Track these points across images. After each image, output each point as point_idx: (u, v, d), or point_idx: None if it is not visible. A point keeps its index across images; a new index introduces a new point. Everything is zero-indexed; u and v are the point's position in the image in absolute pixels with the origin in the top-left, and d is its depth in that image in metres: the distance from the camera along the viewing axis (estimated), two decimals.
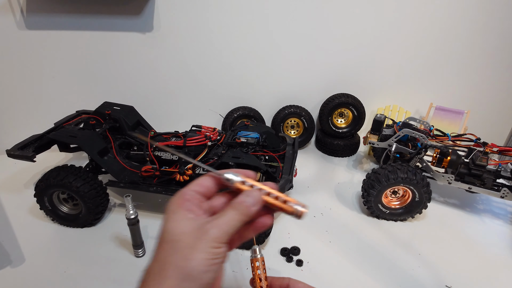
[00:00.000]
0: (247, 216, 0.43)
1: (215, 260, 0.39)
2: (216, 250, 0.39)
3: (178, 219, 0.41)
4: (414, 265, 1.09)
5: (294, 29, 1.62)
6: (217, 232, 0.40)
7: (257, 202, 0.44)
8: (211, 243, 0.39)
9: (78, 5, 1.45)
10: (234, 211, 0.42)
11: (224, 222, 0.41)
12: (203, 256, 0.38)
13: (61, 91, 1.64)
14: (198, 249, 0.38)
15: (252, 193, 0.44)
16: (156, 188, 1.18)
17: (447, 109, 1.69)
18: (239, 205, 0.43)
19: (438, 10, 1.59)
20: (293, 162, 1.23)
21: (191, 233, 0.40)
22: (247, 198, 0.43)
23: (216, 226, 0.40)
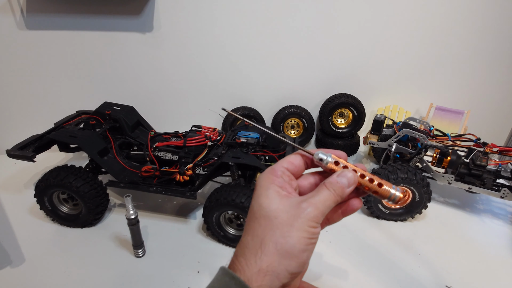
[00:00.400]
0: (341, 197, 0.42)
1: (312, 240, 0.39)
2: (313, 229, 0.39)
3: (272, 196, 0.40)
4: (414, 265, 1.09)
5: (294, 29, 1.62)
6: (314, 211, 0.39)
7: (353, 183, 0.42)
8: (308, 222, 0.38)
9: (78, 5, 1.45)
10: (329, 191, 0.41)
11: (320, 201, 0.40)
12: (301, 235, 0.38)
13: (61, 91, 1.64)
14: (296, 227, 0.38)
15: (347, 173, 0.42)
16: (156, 188, 1.18)
17: (447, 109, 1.69)
18: (335, 185, 0.42)
19: (438, 10, 1.59)
20: None
21: (288, 211, 0.39)
22: (342, 179, 0.42)
23: (312, 204, 0.39)
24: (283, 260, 0.37)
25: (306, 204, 0.39)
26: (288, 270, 0.38)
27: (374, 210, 1.26)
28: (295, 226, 0.38)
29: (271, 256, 0.37)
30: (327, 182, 0.42)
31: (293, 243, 0.37)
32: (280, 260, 0.37)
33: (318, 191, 0.41)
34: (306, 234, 0.38)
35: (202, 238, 1.17)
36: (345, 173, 0.43)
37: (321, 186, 0.42)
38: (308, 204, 0.39)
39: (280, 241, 0.37)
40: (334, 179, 0.42)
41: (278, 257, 0.37)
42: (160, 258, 1.08)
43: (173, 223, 1.24)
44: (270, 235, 0.38)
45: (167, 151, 1.23)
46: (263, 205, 0.40)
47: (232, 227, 1.13)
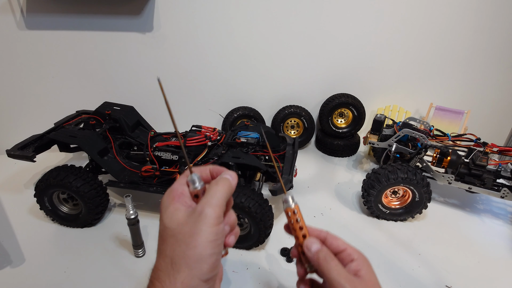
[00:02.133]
0: (229, 186, 0.44)
1: (217, 241, 0.40)
2: (216, 228, 0.40)
3: (171, 213, 0.42)
4: (414, 265, 1.09)
5: (294, 29, 1.62)
6: (209, 209, 0.40)
7: (234, 177, 0.46)
8: (208, 222, 0.40)
9: (78, 5, 1.45)
10: (218, 185, 0.43)
11: (212, 197, 0.42)
12: (205, 239, 0.39)
13: (61, 91, 1.64)
14: (198, 233, 0.39)
15: (227, 171, 0.47)
16: (156, 188, 1.18)
17: (447, 109, 1.69)
18: (219, 179, 0.45)
19: (438, 10, 1.59)
20: (293, 162, 1.23)
21: (188, 221, 0.41)
22: (225, 174, 0.46)
23: (206, 204, 0.41)
24: (195, 271, 0.38)
25: (201, 206, 0.41)
26: (202, 278, 0.39)
27: (374, 210, 1.26)
28: (197, 233, 0.39)
29: (184, 272, 0.38)
30: (215, 180, 0.46)
31: (200, 251, 0.39)
32: (192, 272, 0.38)
33: (209, 190, 0.44)
34: (210, 236, 0.40)
35: None
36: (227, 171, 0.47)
37: (210, 184, 0.45)
38: (203, 206, 0.41)
39: (188, 254, 0.39)
40: (221, 175, 0.46)
41: (189, 270, 0.38)
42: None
43: None
44: (178, 252, 0.39)
45: (167, 151, 1.23)
46: (167, 225, 0.42)
47: None
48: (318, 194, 1.44)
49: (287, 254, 1.10)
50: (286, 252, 1.11)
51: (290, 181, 1.12)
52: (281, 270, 1.06)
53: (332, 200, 1.40)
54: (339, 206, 1.37)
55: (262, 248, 1.13)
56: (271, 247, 1.14)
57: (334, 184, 1.52)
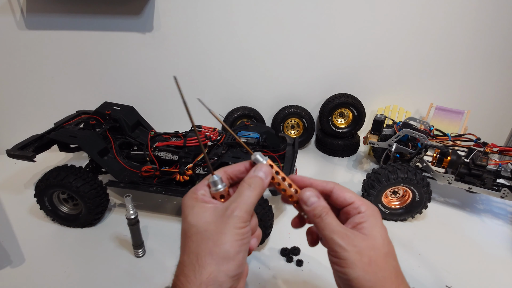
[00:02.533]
0: (262, 188, 0.45)
1: (244, 240, 0.41)
2: (242, 230, 0.41)
3: (198, 212, 0.43)
4: (414, 265, 1.09)
5: (294, 29, 1.62)
6: (239, 212, 0.41)
7: (269, 173, 0.46)
8: (236, 224, 0.41)
9: (78, 5, 1.45)
10: (249, 187, 0.44)
11: (243, 200, 0.43)
12: (232, 238, 0.40)
13: (61, 91, 1.64)
14: (226, 233, 0.40)
15: (262, 167, 0.46)
16: (156, 188, 1.18)
17: (447, 109, 1.69)
18: (253, 179, 0.45)
19: (438, 10, 1.59)
20: (293, 162, 1.23)
21: (216, 221, 0.41)
22: (259, 172, 0.45)
23: (236, 207, 0.42)
24: (221, 267, 0.39)
25: (231, 208, 0.42)
26: (228, 274, 0.39)
27: None
28: (225, 232, 0.40)
29: (209, 267, 0.39)
30: (246, 179, 0.45)
31: (227, 248, 0.40)
32: (219, 268, 0.39)
33: (239, 191, 0.44)
34: (237, 236, 0.40)
35: None
36: (259, 167, 0.46)
37: (241, 185, 0.45)
38: (233, 207, 0.42)
39: (214, 250, 0.39)
40: (252, 174, 0.45)
41: (216, 265, 0.39)
42: (160, 258, 1.08)
43: (173, 223, 1.24)
44: (204, 248, 0.40)
45: (167, 151, 1.23)
46: (192, 223, 0.42)
47: None
48: None
49: (287, 254, 1.10)
50: (286, 252, 1.11)
51: None
52: (281, 270, 1.06)
53: None
54: None
55: (262, 248, 1.13)
56: (271, 247, 1.14)
57: None
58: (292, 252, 1.11)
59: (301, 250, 1.12)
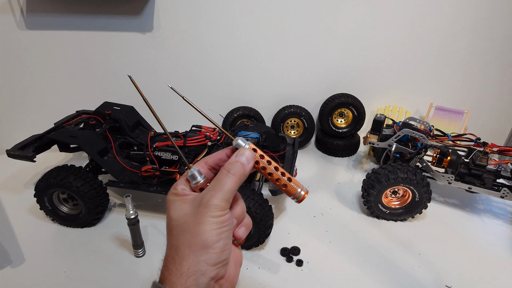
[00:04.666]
0: (243, 174, 0.43)
1: (223, 228, 0.41)
2: (220, 218, 0.40)
3: (177, 206, 0.43)
4: (414, 265, 1.09)
5: (295, 29, 1.62)
6: (215, 200, 0.40)
7: (251, 159, 0.44)
8: (213, 213, 0.40)
9: (78, 5, 1.45)
10: (227, 173, 0.42)
11: (220, 188, 0.41)
12: (209, 227, 0.40)
13: (61, 91, 1.64)
14: (203, 222, 0.40)
15: (245, 151, 0.44)
16: (156, 188, 1.18)
17: (447, 109, 1.69)
18: (234, 164, 0.43)
19: (438, 10, 1.59)
20: (293, 162, 1.23)
21: (193, 212, 0.41)
22: (240, 157, 0.44)
23: (213, 195, 0.41)
24: (201, 257, 0.39)
25: (207, 196, 0.41)
26: (209, 263, 0.40)
27: (374, 210, 1.26)
28: (202, 222, 0.40)
29: (188, 258, 0.39)
30: (226, 164, 0.43)
31: (205, 238, 0.39)
32: (198, 258, 0.39)
33: (217, 178, 0.43)
34: (215, 225, 0.40)
35: None
36: (242, 151, 0.44)
37: (220, 172, 0.43)
38: (209, 196, 0.41)
39: (192, 241, 0.40)
40: (233, 159, 0.44)
41: (195, 256, 0.39)
42: (160, 258, 1.08)
43: None
44: (183, 240, 0.40)
45: (167, 151, 1.23)
46: (173, 217, 0.42)
47: None
48: (318, 194, 1.44)
49: (287, 254, 1.10)
50: (286, 252, 1.11)
51: None
52: (281, 270, 1.06)
53: (332, 200, 1.40)
54: (339, 206, 1.37)
55: (262, 248, 1.13)
56: (271, 247, 1.14)
57: (334, 184, 1.52)
58: (292, 252, 1.11)
59: (301, 250, 1.12)
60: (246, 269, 1.05)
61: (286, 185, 0.46)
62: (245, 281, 1.01)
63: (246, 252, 1.11)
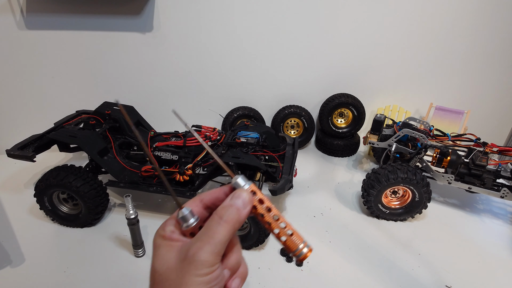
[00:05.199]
0: (237, 221, 0.35)
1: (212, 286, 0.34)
2: (208, 277, 0.33)
3: (163, 254, 0.35)
4: (414, 265, 1.09)
5: (295, 29, 1.62)
6: (203, 255, 0.33)
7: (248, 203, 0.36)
8: (199, 271, 0.33)
9: (78, 5, 1.45)
10: (219, 220, 0.35)
11: (209, 239, 0.34)
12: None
13: (61, 91, 1.64)
14: (186, 283, 0.33)
15: (241, 193, 0.36)
16: (156, 188, 1.18)
17: (447, 109, 1.69)
18: (227, 209, 0.35)
19: (438, 10, 1.59)
20: (293, 162, 1.23)
21: (177, 267, 0.34)
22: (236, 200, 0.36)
23: (200, 248, 0.33)
24: None
25: (192, 250, 0.33)
26: None
27: (374, 210, 1.26)
28: (185, 283, 0.33)
29: None
30: (219, 209, 0.36)
31: None
32: None
33: (206, 226, 0.35)
34: (201, 286, 0.33)
35: None
36: (239, 193, 0.37)
37: (211, 218, 0.36)
38: (194, 249, 0.33)
39: None
40: (227, 203, 0.36)
41: None
42: None
43: None
44: None
45: (167, 151, 1.23)
46: (156, 268, 0.35)
47: None
48: (318, 194, 1.44)
49: (287, 254, 1.10)
50: (286, 252, 1.11)
51: (290, 181, 1.12)
52: (281, 270, 1.06)
53: (332, 200, 1.40)
54: (339, 206, 1.37)
55: (262, 248, 1.13)
56: (271, 247, 1.14)
57: (334, 184, 1.52)
58: None
59: None
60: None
61: (286, 240, 0.39)
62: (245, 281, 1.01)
63: (246, 252, 1.11)
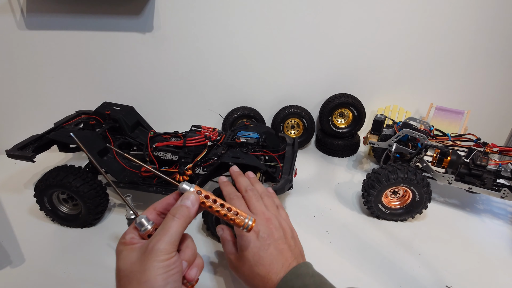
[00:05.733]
0: (188, 216, 0.44)
1: (170, 272, 0.41)
2: (167, 262, 0.40)
3: (125, 256, 0.43)
4: (414, 265, 1.08)
5: (295, 29, 1.62)
6: (161, 244, 0.41)
7: (195, 202, 0.46)
8: (158, 257, 0.40)
9: (78, 5, 1.45)
10: (173, 217, 0.43)
11: (165, 232, 0.42)
12: (155, 273, 0.40)
13: (61, 91, 1.64)
14: (149, 269, 0.40)
15: (189, 195, 0.46)
16: (156, 188, 1.18)
17: (447, 109, 1.69)
18: (179, 209, 0.44)
19: (438, 10, 1.59)
20: (293, 162, 1.23)
21: (139, 259, 0.41)
22: (186, 201, 0.45)
23: (158, 240, 0.41)
24: None
25: (153, 242, 0.41)
26: None
27: (374, 210, 1.26)
28: (147, 268, 0.40)
29: None
30: (172, 209, 0.45)
31: (152, 284, 0.39)
32: None
33: (163, 224, 0.44)
34: (161, 270, 0.40)
35: (202, 238, 1.17)
36: (187, 195, 0.46)
37: (166, 217, 0.45)
38: (154, 242, 0.41)
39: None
40: (178, 204, 0.45)
41: None
42: None
43: None
44: None
45: (167, 151, 1.23)
46: (120, 267, 0.43)
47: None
48: (318, 194, 1.44)
49: None
50: None
51: (290, 181, 1.12)
52: None
53: (332, 200, 1.40)
54: (339, 206, 1.37)
55: None
56: None
57: (334, 184, 1.52)
58: None
59: None
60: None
61: (234, 219, 0.48)
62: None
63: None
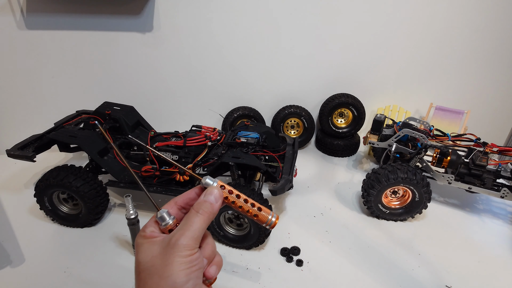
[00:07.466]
0: (211, 213, 0.43)
1: (192, 268, 0.40)
2: (189, 258, 0.40)
3: (145, 249, 0.42)
4: (414, 265, 1.09)
5: (295, 29, 1.62)
6: (184, 240, 0.40)
7: (219, 197, 0.45)
8: (181, 253, 0.39)
9: (78, 5, 1.45)
10: (196, 213, 0.43)
11: (189, 227, 0.41)
12: (178, 268, 0.39)
13: (61, 91, 1.64)
14: (171, 263, 0.39)
15: (213, 190, 0.45)
16: (156, 188, 1.18)
17: (447, 109, 1.69)
18: (202, 204, 0.43)
19: (438, 10, 1.59)
20: (293, 162, 1.23)
21: (161, 253, 0.40)
22: (209, 197, 0.44)
23: (181, 235, 0.41)
24: None
25: (176, 236, 0.41)
26: None
27: (374, 210, 1.26)
28: (170, 263, 0.39)
29: None
30: (195, 205, 0.44)
31: (174, 279, 0.39)
32: None
33: (185, 218, 0.43)
34: (184, 265, 0.39)
35: None
36: (210, 190, 0.45)
37: (189, 212, 0.44)
38: (177, 236, 0.41)
39: (160, 284, 0.39)
40: (201, 199, 0.44)
41: None
42: None
43: None
44: (150, 284, 0.40)
45: (167, 151, 1.23)
46: (140, 260, 0.42)
47: (232, 227, 1.13)
48: (318, 194, 1.44)
49: (287, 254, 1.10)
50: (286, 252, 1.11)
51: (290, 181, 1.12)
52: (281, 270, 1.06)
53: (332, 200, 1.40)
54: (339, 206, 1.37)
55: (262, 248, 1.13)
56: (271, 247, 1.14)
57: (334, 184, 1.52)
58: (292, 252, 1.11)
59: (301, 250, 1.12)
60: (246, 269, 1.05)
61: (257, 215, 0.47)
62: (245, 281, 1.01)
63: (246, 252, 1.12)
